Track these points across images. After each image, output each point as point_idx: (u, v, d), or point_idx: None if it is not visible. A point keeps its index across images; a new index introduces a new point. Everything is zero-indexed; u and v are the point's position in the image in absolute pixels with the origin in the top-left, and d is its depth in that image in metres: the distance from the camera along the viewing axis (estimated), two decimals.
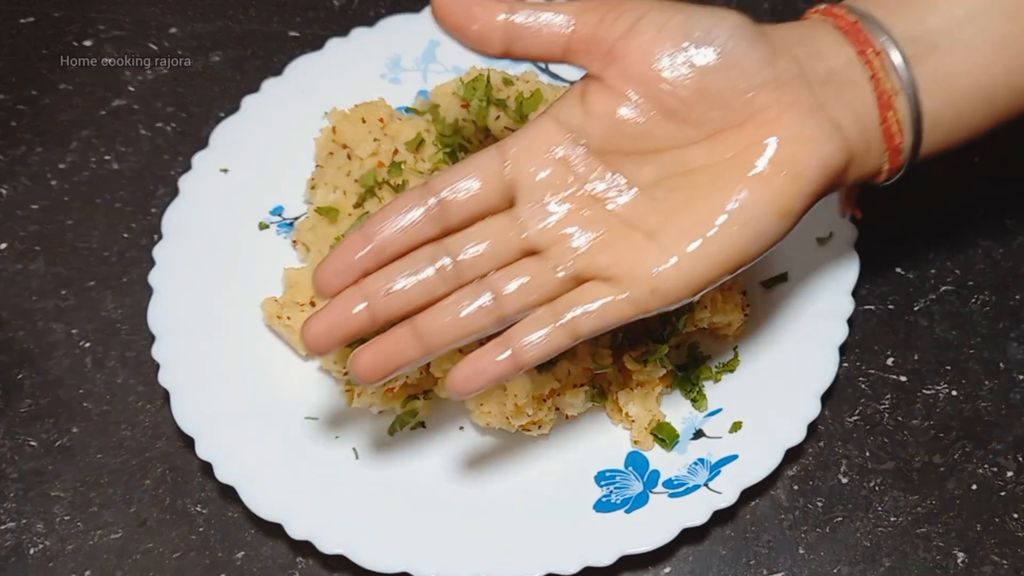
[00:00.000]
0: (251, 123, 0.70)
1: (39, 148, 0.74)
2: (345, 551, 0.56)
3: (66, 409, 0.64)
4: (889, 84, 0.51)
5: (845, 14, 0.52)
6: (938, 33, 0.51)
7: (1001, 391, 0.62)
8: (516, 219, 0.50)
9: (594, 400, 0.60)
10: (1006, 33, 0.51)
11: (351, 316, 0.49)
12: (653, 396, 0.60)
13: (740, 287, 0.63)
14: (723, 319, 0.62)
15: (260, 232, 0.68)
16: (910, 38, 0.51)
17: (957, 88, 0.52)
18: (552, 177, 0.50)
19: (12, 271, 0.69)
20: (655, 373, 0.60)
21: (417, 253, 0.50)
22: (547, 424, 0.60)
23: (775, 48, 0.49)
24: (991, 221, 0.68)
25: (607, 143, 0.49)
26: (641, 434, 0.60)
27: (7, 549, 0.59)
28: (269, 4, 0.80)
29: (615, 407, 0.60)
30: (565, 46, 0.50)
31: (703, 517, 0.56)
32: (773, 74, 0.49)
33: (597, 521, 0.57)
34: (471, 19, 0.50)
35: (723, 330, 0.62)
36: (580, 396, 0.59)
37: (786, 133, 0.49)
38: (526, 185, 0.50)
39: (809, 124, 0.49)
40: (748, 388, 0.61)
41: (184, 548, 0.59)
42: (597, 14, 0.49)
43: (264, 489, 0.58)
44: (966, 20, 0.51)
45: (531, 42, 0.50)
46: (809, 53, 0.50)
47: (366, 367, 0.49)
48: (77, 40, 0.79)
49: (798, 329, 0.62)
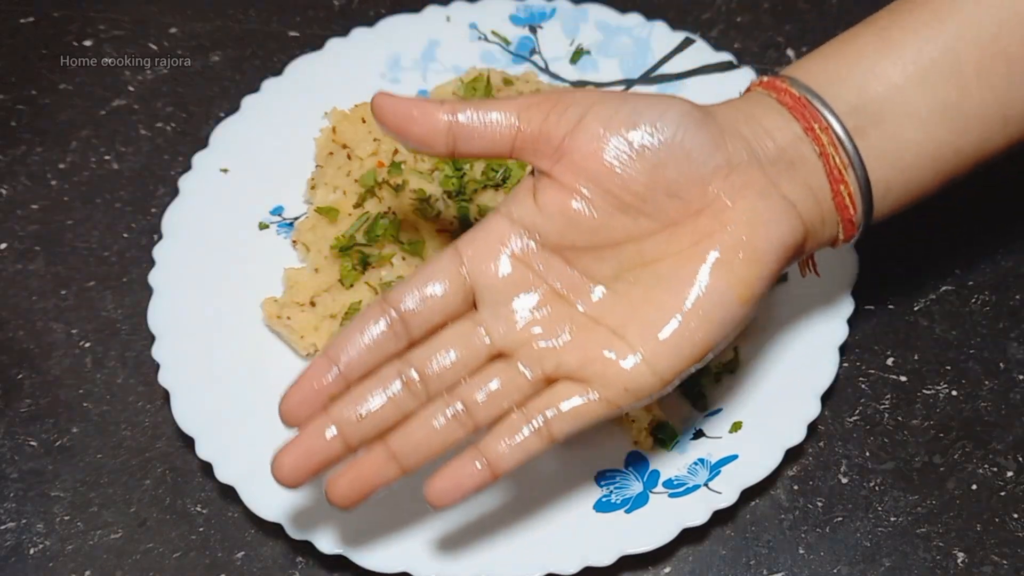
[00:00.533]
0: (251, 123, 0.70)
1: (39, 148, 0.74)
2: (345, 551, 0.56)
3: (66, 409, 0.64)
4: (838, 159, 0.50)
5: (788, 87, 0.51)
6: (881, 101, 0.51)
7: (1001, 391, 0.62)
8: (480, 323, 0.49)
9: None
10: (945, 97, 0.51)
11: (324, 444, 0.49)
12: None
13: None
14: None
15: (260, 232, 0.68)
16: (853, 110, 0.51)
17: (904, 156, 0.51)
18: (512, 276, 0.49)
19: (12, 271, 0.69)
20: None
21: (383, 371, 0.49)
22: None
23: (723, 131, 0.49)
24: (991, 221, 0.68)
25: (563, 239, 0.49)
26: (641, 434, 0.60)
27: (7, 549, 0.59)
28: (269, 4, 0.80)
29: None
30: (512, 144, 0.49)
31: (703, 517, 0.56)
32: (724, 158, 0.48)
33: (597, 521, 0.57)
34: (412, 122, 0.49)
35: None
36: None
37: (742, 217, 0.48)
38: (486, 286, 0.49)
39: (763, 206, 0.48)
40: (748, 388, 0.61)
41: (184, 548, 0.59)
42: (542, 110, 0.49)
43: (264, 489, 0.57)
44: (907, 86, 0.51)
45: (477, 142, 0.49)
46: (756, 132, 0.50)
47: (343, 494, 0.50)
48: (77, 40, 0.79)
49: (798, 329, 0.62)
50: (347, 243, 0.62)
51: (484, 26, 0.74)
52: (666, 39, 0.73)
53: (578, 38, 0.74)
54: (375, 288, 0.62)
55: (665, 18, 0.74)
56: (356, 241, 0.62)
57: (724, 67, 0.72)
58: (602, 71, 0.73)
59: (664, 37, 0.73)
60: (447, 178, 0.64)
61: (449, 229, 0.63)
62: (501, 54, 0.74)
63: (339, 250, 0.62)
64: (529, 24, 0.75)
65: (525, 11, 0.75)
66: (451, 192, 0.64)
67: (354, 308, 0.61)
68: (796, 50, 0.76)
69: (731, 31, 0.76)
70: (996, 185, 0.69)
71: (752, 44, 0.76)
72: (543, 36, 0.74)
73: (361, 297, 0.62)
